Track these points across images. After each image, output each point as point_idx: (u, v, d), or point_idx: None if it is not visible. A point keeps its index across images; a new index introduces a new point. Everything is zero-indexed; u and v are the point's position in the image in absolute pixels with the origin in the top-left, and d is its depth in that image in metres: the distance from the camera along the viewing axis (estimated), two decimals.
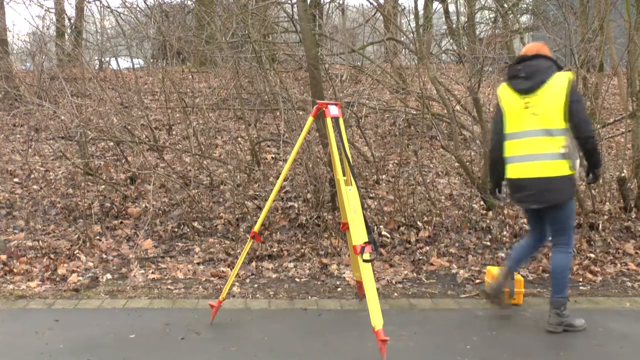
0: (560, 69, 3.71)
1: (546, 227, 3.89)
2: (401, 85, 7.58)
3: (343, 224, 4.05)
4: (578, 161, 3.71)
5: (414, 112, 7.79)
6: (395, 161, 7.13)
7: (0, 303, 4.22)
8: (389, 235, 5.45)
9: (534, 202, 3.74)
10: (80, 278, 4.70)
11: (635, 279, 4.85)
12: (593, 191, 5.94)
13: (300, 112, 6.62)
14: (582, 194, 5.69)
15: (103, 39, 10.58)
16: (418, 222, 5.63)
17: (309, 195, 5.86)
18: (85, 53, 9.68)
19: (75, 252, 5.14)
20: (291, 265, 5.02)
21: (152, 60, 9.80)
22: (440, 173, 7.10)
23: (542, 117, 3.60)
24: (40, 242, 5.29)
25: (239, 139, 7.84)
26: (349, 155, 3.66)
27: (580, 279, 4.80)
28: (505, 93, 3.77)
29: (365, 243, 3.38)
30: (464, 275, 4.82)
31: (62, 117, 8.03)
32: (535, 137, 3.64)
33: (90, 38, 11.22)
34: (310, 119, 3.78)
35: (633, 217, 5.77)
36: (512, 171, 3.78)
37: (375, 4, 8.31)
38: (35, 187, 6.63)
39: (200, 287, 4.57)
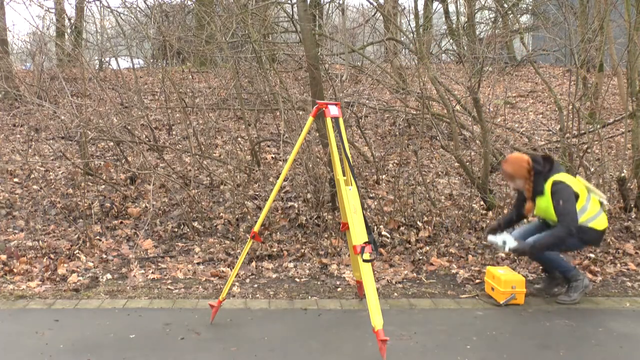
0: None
1: None
2: (401, 85, 7.58)
3: (343, 224, 4.05)
4: None
5: (414, 112, 7.80)
6: (395, 161, 7.14)
7: (0, 303, 4.22)
8: (389, 235, 5.45)
9: None
10: (80, 278, 4.70)
11: (635, 279, 4.85)
12: None
13: (300, 112, 6.63)
14: None
15: (103, 39, 10.59)
16: (418, 222, 5.63)
17: (309, 195, 5.86)
18: (85, 53, 9.68)
19: (75, 252, 5.14)
20: (291, 265, 5.02)
21: (152, 60, 9.80)
22: (440, 173, 7.10)
23: (582, 182, 4.34)
24: (40, 242, 5.29)
25: (239, 139, 7.84)
26: (349, 155, 3.66)
27: None
28: (565, 177, 4.19)
29: (365, 243, 3.38)
30: (464, 275, 4.82)
31: (62, 117, 8.04)
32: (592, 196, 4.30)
33: (90, 38, 11.24)
34: (310, 119, 3.78)
35: (633, 217, 5.77)
36: (602, 222, 4.26)
37: (375, 4, 8.32)
38: (35, 187, 6.63)
39: (200, 287, 4.58)
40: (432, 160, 7.63)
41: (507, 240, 4.15)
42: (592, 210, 4.21)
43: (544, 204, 4.17)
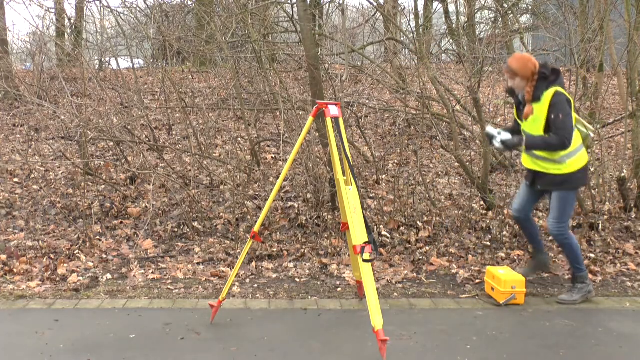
0: None
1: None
2: (401, 85, 7.58)
3: (343, 224, 4.05)
4: None
5: (414, 112, 7.79)
6: (395, 161, 7.14)
7: (0, 303, 4.22)
8: (389, 235, 5.45)
9: None
10: (80, 278, 4.70)
11: (635, 279, 4.85)
12: (593, 191, 5.94)
13: (300, 112, 6.62)
14: (582, 194, 5.70)
15: (103, 39, 10.58)
16: (418, 222, 5.63)
17: (309, 195, 5.86)
18: (85, 53, 9.68)
19: (75, 252, 5.14)
20: (291, 265, 5.02)
21: (152, 60, 9.79)
22: (440, 173, 7.10)
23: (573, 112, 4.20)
24: (40, 242, 5.29)
25: (239, 139, 7.84)
26: (349, 155, 3.67)
27: None
28: (566, 92, 4.11)
29: (365, 243, 3.38)
30: (464, 275, 4.82)
31: (62, 117, 8.04)
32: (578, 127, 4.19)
33: (90, 38, 11.23)
34: (310, 119, 3.79)
35: (633, 217, 5.77)
36: (582, 158, 4.15)
37: (375, 4, 8.31)
38: (35, 187, 6.63)
39: (200, 287, 4.58)
40: (432, 160, 7.63)
41: (502, 133, 4.17)
42: (574, 143, 4.08)
43: (536, 113, 4.06)
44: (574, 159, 4.10)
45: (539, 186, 4.26)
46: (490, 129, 4.29)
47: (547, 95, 3.99)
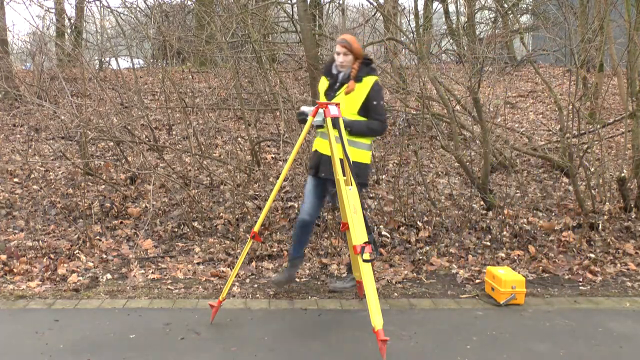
0: None
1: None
2: (401, 85, 7.58)
3: (343, 224, 4.05)
4: None
5: (414, 112, 7.79)
6: (395, 161, 7.13)
7: (0, 303, 4.22)
8: (389, 235, 5.45)
9: None
10: (80, 278, 4.70)
11: (635, 279, 4.85)
12: (593, 191, 5.94)
13: None
14: (582, 194, 5.70)
15: (103, 39, 10.59)
16: (418, 222, 5.63)
17: None
18: (85, 53, 9.68)
19: (75, 252, 5.14)
20: None
21: (152, 60, 9.80)
22: (440, 173, 7.10)
23: None
24: (40, 242, 5.29)
25: (239, 139, 7.85)
26: (349, 155, 3.66)
27: (580, 279, 4.81)
28: None
29: (365, 243, 3.38)
30: (464, 275, 4.82)
31: (62, 117, 8.04)
32: None
33: (90, 38, 11.25)
34: (310, 118, 3.79)
35: (633, 217, 5.77)
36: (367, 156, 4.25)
37: (375, 4, 8.30)
38: (35, 187, 6.63)
39: (200, 287, 4.57)
40: (432, 160, 7.63)
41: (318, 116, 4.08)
42: (369, 139, 4.25)
43: (355, 93, 4.11)
44: (369, 153, 4.25)
45: (323, 174, 4.17)
46: (305, 108, 4.23)
47: (369, 81, 4.12)
